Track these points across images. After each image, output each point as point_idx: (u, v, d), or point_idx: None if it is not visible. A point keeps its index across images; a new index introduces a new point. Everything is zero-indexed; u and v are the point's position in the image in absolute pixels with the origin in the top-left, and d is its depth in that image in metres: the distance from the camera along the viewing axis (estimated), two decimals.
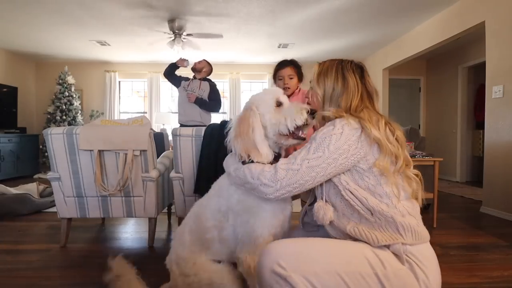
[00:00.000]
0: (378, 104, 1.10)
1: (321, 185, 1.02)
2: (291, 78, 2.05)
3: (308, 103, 1.14)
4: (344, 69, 1.08)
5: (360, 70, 1.10)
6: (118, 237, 2.51)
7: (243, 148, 1.06)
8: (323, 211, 0.99)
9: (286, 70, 2.08)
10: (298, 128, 1.07)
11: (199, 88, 3.84)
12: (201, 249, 1.21)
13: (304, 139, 1.10)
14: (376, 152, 0.95)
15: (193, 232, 1.22)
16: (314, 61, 5.55)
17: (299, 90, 2.27)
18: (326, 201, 1.02)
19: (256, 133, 1.07)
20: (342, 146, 0.92)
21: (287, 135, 1.09)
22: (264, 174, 0.97)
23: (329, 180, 1.00)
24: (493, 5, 3.32)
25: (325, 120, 1.06)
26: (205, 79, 3.94)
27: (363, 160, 0.95)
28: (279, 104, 1.11)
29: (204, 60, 4.01)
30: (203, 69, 3.94)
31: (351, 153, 0.93)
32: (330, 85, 1.07)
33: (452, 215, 3.20)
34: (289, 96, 2.05)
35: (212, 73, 7.24)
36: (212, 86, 3.92)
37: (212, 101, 3.84)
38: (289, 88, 2.06)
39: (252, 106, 1.12)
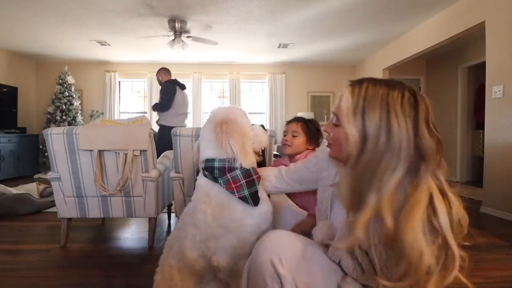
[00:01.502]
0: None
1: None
2: (294, 136, 1.71)
3: (328, 144, 0.87)
4: (391, 111, 0.67)
5: (414, 111, 0.68)
6: (118, 237, 2.51)
7: (240, 148, 1.12)
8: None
9: (291, 125, 1.76)
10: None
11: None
12: (195, 284, 1.17)
13: (262, 155, 1.29)
14: None
15: (182, 270, 1.15)
16: (314, 61, 5.50)
17: (306, 155, 1.70)
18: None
19: (248, 141, 1.17)
20: None
21: (255, 152, 1.24)
22: None
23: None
24: (493, 5, 3.32)
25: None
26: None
27: None
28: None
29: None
30: (159, 81, 4.40)
31: None
32: (373, 128, 0.68)
33: None
34: (291, 157, 1.71)
35: (212, 73, 7.27)
36: (161, 89, 4.30)
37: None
38: (289, 146, 1.70)
39: (236, 118, 1.19)
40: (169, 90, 4.15)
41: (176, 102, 4.15)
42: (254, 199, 1.14)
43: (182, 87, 4.31)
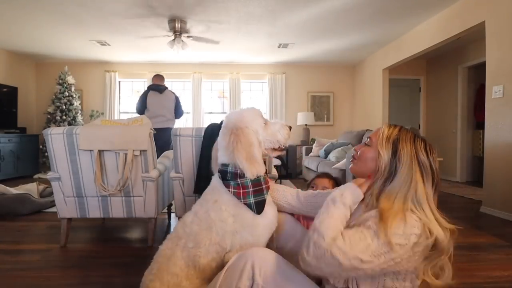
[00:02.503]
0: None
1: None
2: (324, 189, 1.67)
3: (353, 159, 1.07)
4: (418, 149, 0.95)
5: (432, 153, 0.97)
6: (118, 237, 2.51)
7: (245, 159, 1.11)
8: None
9: (323, 181, 1.75)
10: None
11: None
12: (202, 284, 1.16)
13: (284, 149, 1.30)
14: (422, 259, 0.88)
15: (191, 276, 1.15)
16: (314, 61, 5.55)
17: None
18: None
19: (256, 149, 1.16)
20: (397, 259, 0.83)
21: (275, 148, 1.26)
22: (319, 240, 0.84)
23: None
24: (493, 5, 3.32)
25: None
26: None
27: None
28: (265, 122, 1.25)
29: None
30: None
31: (401, 265, 0.85)
32: (406, 156, 0.94)
33: (452, 215, 3.19)
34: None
35: (212, 73, 7.35)
36: None
37: None
38: None
39: (246, 124, 1.18)
40: (141, 96, 4.49)
41: (149, 105, 4.40)
42: (258, 208, 1.15)
43: (160, 90, 4.46)
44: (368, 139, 1.04)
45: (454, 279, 0.91)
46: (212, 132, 1.94)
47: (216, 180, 1.22)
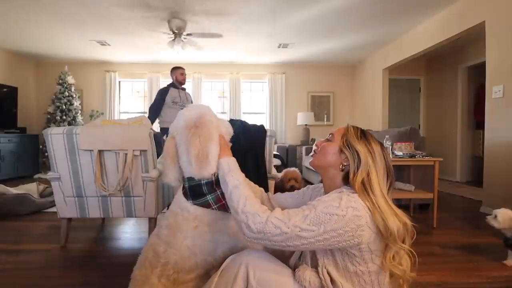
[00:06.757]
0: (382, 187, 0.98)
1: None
2: None
3: (314, 154, 1.11)
4: (383, 148, 1.04)
5: (385, 152, 1.04)
6: (118, 237, 2.51)
7: (196, 156, 1.07)
8: (309, 278, 0.94)
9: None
10: None
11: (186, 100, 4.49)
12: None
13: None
14: (378, 243, 0.91)
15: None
16: (314, 61, 5.56)
17: None
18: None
19: (214, 145, 1.08)
20: (338, 230, 0.86)
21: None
22: (255, 218, 0.89)
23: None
24: (493, 5, 3.32)
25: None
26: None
27: (356, 247, 0.89)
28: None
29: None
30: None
31: (345, 238, 0.87)
32: (378, 151, 1.01)
33: (452, 215, 3.20)
34: None
35: (212, 73, 7.34)
36: (187, 93, 4.64)
37: None
38: None
39: (209, 118, 1.12)
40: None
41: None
42: None
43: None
44: (330, 135, 1.09)
45: (414, 272, 0.94)
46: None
47: (187, 202, 1.12)
